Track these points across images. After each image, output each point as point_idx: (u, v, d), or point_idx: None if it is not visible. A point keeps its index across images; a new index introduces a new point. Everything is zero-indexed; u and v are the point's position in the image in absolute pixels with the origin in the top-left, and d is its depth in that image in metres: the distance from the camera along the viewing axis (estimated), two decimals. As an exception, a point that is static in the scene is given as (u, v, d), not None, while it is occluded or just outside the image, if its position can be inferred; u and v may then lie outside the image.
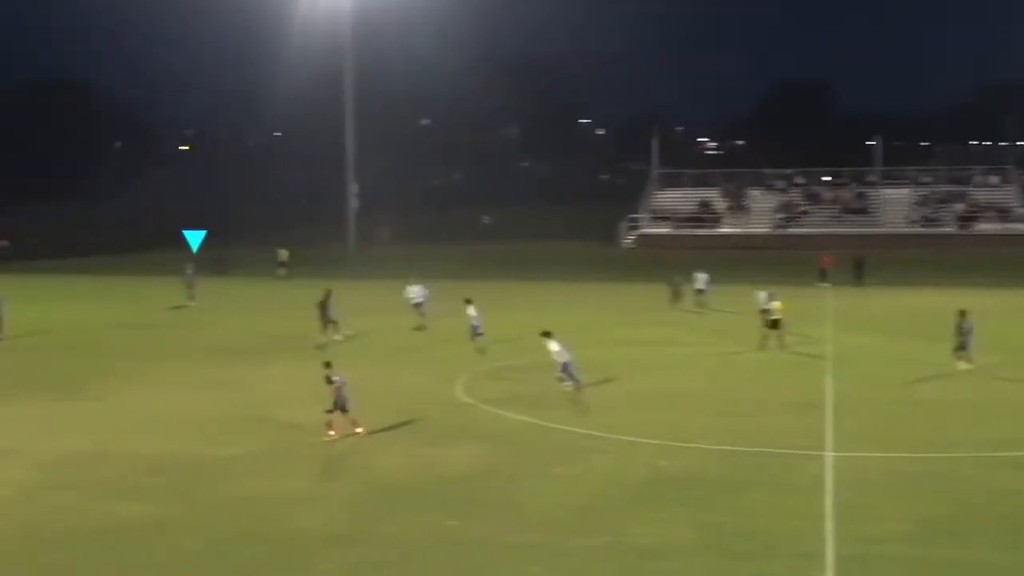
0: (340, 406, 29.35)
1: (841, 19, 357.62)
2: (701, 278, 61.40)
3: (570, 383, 35.16)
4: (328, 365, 30.04)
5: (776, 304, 45.10)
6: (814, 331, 50.80)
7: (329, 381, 29.49)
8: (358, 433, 29.67)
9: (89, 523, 22.88)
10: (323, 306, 47.99)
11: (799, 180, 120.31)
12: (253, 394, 36.29)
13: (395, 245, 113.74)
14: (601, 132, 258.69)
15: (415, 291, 53.35)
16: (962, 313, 40.78)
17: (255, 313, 57.07)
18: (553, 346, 35.53)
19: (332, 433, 29.42)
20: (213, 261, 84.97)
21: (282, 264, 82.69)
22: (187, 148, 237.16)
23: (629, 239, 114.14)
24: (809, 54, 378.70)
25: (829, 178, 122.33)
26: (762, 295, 48.33)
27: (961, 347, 40.35)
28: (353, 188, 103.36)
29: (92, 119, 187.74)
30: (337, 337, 46.94)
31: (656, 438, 29.96)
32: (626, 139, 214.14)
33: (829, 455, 28.18)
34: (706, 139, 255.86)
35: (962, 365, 39.98)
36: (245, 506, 23.95)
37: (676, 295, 60.96)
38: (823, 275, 75.18)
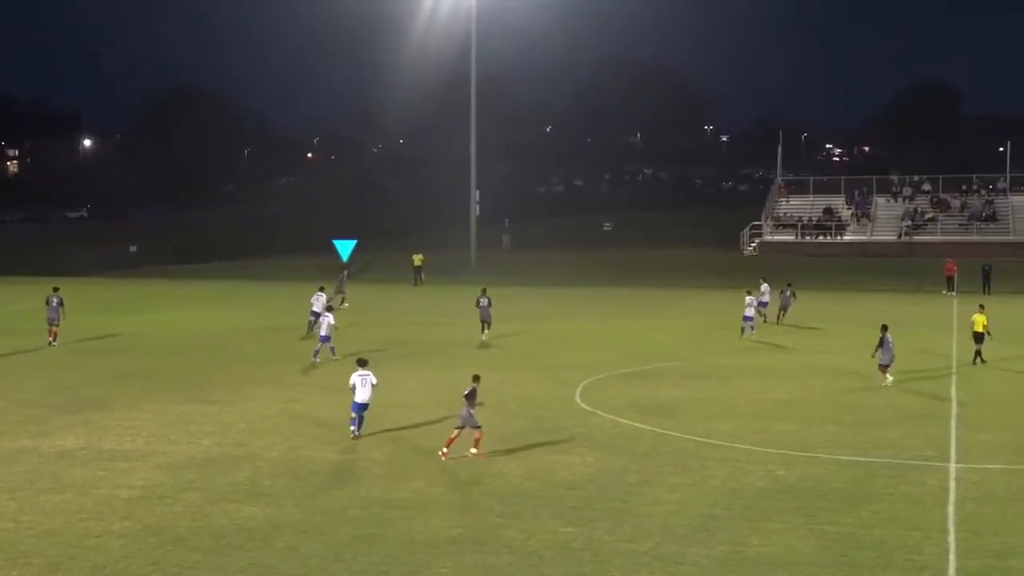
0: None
1: (972, 23, 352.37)
2: (765, 289, 58.20)
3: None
4: (475, 379, 29.55)
5: (978, 317, 44.13)
6: (940, 340, 50.06)
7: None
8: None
9: (212, 524, 23.29)
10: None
11: (926, 187, 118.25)
12: (377, 399, 36.50)
13: (517, 251, 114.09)
14: (724, 138, 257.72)
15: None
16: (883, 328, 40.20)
17: (379, 318, 57.56)
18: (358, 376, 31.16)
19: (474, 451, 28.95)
20: (337, 267, 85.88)
21: (417, 269, 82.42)
22: (313, 156, 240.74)
23: (752, 246, 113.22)
24: (939, 59, 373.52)
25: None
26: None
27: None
28: (475, 195, 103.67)
29: (222, 128, 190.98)
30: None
31: (775, 447, 29.75)
32: (750, 145, 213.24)
33: (953, 467, 27.77)
34: (831, 145, 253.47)
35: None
36: (364, 510, 24.21)
37: None
38: (950, 283, 73.92)
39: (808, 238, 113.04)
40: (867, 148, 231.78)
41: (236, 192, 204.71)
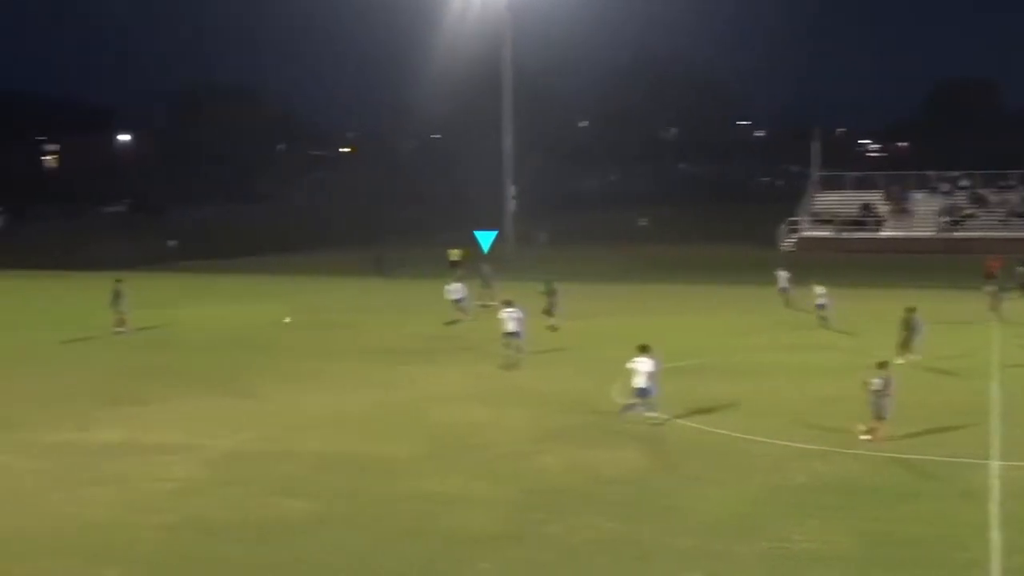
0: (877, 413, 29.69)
1: (1008, 15, 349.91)
2: (783, 276, 60.91)
3: (641, 409, 32.00)
4: (883, 366, 30.38)
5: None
6: (980, 337, 49.82)
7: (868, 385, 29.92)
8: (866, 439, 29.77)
9: (255, 518, 23.44)
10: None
11: (964, 183, 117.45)
12: (419, 394, 36.70)
13: (552, 247, 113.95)
14: (760, 134, 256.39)
15: (455, 288, 55.79)
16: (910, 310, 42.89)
17: (417, 314, 57.61)
18: (644, 365, 31.59)
19: (868, 437, 29.73)
20: (372, 262, 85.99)
21: (454, 264, 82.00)
22: (348, 150, 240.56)
23: (789, 242, 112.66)
24: (974, 52, 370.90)
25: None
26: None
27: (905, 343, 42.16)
28: (511, 190, 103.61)
29: (258, 123, 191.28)
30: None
31: (817, 443, 29.70)
32: (786, 140, 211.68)
33: (995, 464, 27.65)
34: (868, 141, 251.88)
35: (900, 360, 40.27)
36: (408, 504, 24.32)
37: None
38: (990, 280, 73.35)
39: (845, 234, 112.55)
40: (904, 144, 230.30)
41: (272, 187, 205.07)
